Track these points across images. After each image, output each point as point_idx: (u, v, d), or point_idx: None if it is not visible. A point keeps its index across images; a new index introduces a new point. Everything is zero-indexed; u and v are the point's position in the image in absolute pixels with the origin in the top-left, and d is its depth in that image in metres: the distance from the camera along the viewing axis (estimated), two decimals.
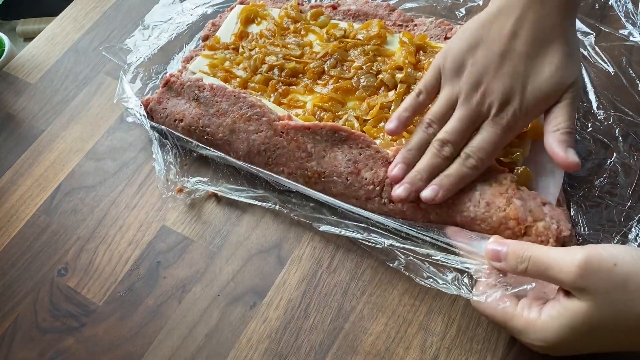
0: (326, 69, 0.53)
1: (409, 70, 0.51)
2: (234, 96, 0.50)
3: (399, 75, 0.51)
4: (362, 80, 0.51)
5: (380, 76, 0.51)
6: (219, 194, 0.50)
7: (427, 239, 0.43)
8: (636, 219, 0.44)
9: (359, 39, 0.55)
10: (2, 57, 0.66)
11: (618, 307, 0.32)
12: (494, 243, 0.39)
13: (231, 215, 0.50)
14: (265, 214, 0.49)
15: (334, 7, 0.60)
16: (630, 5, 0.56)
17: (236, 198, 0.49)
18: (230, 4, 0.64)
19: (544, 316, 0.35)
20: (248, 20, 0.60)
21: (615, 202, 0.45)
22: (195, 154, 0.53)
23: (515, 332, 0.37)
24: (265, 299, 0.45)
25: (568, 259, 0.34)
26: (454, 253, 0.42)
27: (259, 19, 0.59)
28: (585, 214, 0.45)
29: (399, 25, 0.57)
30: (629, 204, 0.45)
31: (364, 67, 0.52)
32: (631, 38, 0.54)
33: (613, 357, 0.36)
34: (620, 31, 0.54)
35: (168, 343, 0.44)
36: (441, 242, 0.43)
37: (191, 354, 0.44)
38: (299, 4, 0.60)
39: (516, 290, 0.38)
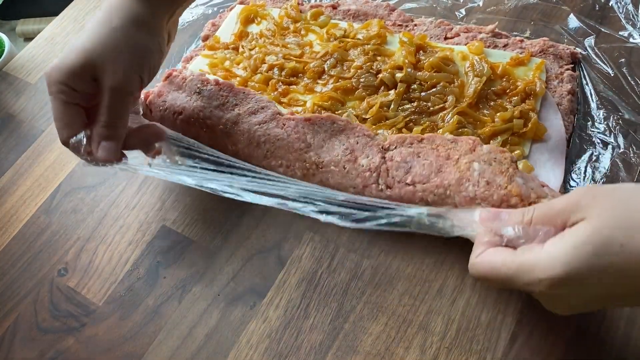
0: (326, 68, 0.53)
1: (409, 69, 0.51)
2: (243, 92, 0.50)
3: (399, 75, 0.51)
4: (362, 80, 0.51)
5: (380, 75, 0.51)
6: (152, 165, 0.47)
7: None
8: None
9: (359, 39, 0.55)
10: (2, 57, 0.66)
11: (621, 222, 0.31)
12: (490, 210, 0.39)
13: (231, 215, 0.50)
14: (265, 214, 0.49)
15: (334, 7, 0.60)
16: (630, 7, 0.56)
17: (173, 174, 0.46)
18: (230, 4, 0.64)
19: (547, 246, 0.33)
20: (248, 20, 0.60)
21: None
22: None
23: (519, 280, 0.34)
24: (265, 299, 0.45)
25: (569, 193, 0.34)
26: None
27: (259, 19, 0.59)
28: None
29: (399, 25, 0.57)
30: None
31: (363, 66, 0.52)
32: (631, 40, 0.54)
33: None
34: (620, 32, 0.54)
35: (168, 343, 0.44)
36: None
37: (191, 354, 0.44)
38: (299, 4, 0.60)
39: (516, 235, 0.36)
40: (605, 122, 0.49)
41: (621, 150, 0.47)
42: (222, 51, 0.57)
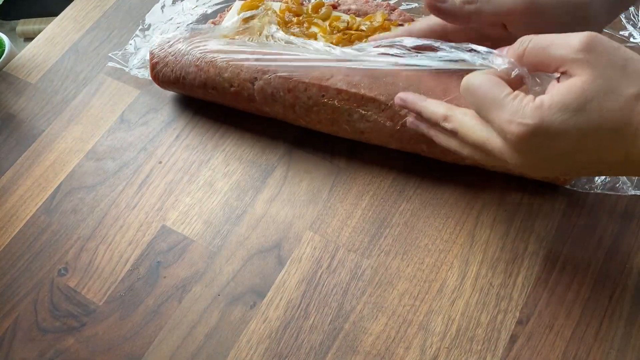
0: None
1: None
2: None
3: None
4: None
5: None
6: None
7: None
8: None
9: (363, 30, 0.55)
10: (2, 57, 0.66)
11: (613, 84, 0.31)
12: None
13: (231, 215, 0.50)
14: (265, 214, 0.49)
15: (334, 7, 0.60)
16: (631, 7, 0.56)
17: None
18: (230, 3, 0.64)
19: (537, 100, 0.32)
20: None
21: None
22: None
23: (501, 112, 0.33)
24: (265, 299, 0.45)
25: (573, 36, 0.32)
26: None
27: (263, 10, 0.59)
28: None
29: (400, 25, 0.57)
30: None
31: None
32: (631, 39, 0.54)
33: None
34: (621, 32, 0.54)
35: (168, 343, 0.44)
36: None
37: (191, 353, 0.44)
38: (300, 3, 0.60)
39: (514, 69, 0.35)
40: None
41: None
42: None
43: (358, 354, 0.42)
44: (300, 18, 0.58)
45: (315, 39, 0.56)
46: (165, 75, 0.54)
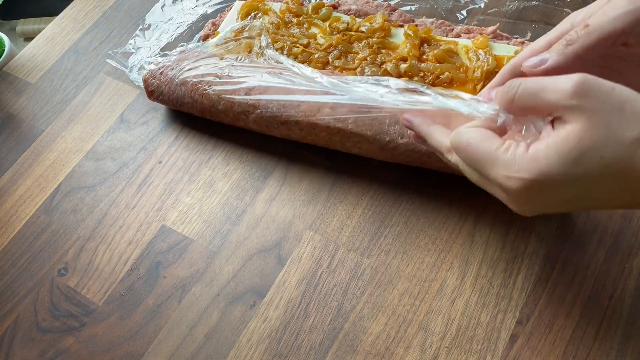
0: (330, 60, 0.53)
1: (413, 61, 0.51)
2: None
3: (403, 66, 0.51)
4: (366, 70, 0.52)
5: (384, 66, 0.51)
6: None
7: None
8: None
9: (363, 31, 0.55)
10: (2, 57, 0.66)
11: (611, 130, 0.29)
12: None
13: (231, 215, 0.50)
14: (265, 214, 0.49)
15: (334, 7, 0.60)
16: None
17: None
18: (230, 3, 0.64)
19: (531, 149, 0.31)
20: (248, 15, 0.60)
21: None
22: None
23: (494, 167, 0.33)
24: (265, 299, 0.45)
25: (563, 79, 0.31)
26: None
27: (260, 14, 0.59)
28: None
29: (400, 25, 0.57)
30: None
31: (368, 58, 0.52)
32: None
33: None
34: None
35: (168, 343, 0.44)
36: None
37: (191, 353, 0.44)
38: (300, 4, 0.60)
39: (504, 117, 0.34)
40: None
41: None
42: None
43: (358, 353, 0.42)
44: (300, 19, 0.58)
45: (315, 39, 0.56)
46: (164, 101, 0.54)
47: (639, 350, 0.40)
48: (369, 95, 0.42)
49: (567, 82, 0.30)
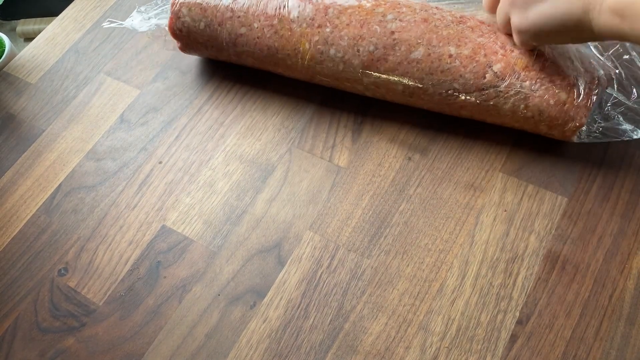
0: None
1: None
2: None
3: None
4: None
5: None
6: None
7: None
8: None
9: None
10: (3, 57, 0.66)
11: None
12: None
13: (231, 215, 0.50)
14: (265, 214, 0.49)
15: None
16: None
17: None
18: None
19: None
20: None
21: None
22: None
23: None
24: (265, 299, 0.45)
25: None
26: None
27: None
28: None
29: None
30: None
31: None
32: None
33: None
34: None
35: (168, 343, 0.44)
36: None
37: (191, 353, 0.44)
38: None
39: None
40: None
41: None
42: None
43: (358, 353, 0.42)
44: None
45: None
46: (204, 35, 0.51)
47: (639, 350, 0.40)
48: None
49: None
